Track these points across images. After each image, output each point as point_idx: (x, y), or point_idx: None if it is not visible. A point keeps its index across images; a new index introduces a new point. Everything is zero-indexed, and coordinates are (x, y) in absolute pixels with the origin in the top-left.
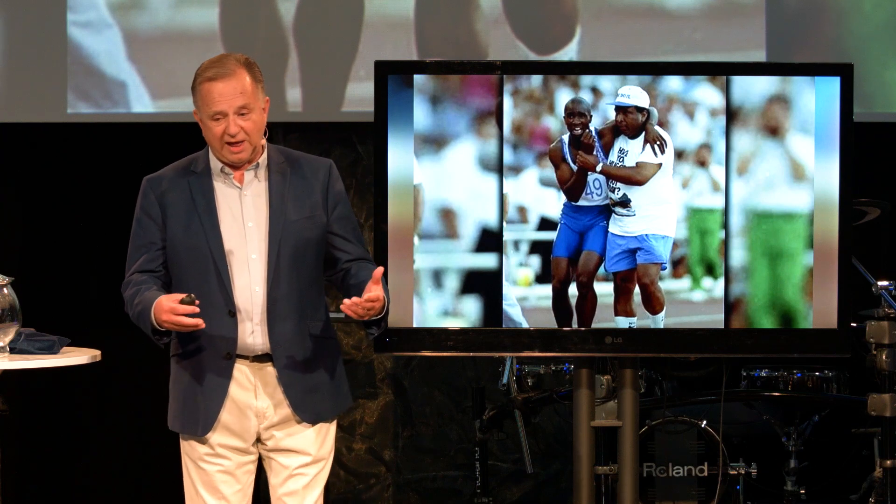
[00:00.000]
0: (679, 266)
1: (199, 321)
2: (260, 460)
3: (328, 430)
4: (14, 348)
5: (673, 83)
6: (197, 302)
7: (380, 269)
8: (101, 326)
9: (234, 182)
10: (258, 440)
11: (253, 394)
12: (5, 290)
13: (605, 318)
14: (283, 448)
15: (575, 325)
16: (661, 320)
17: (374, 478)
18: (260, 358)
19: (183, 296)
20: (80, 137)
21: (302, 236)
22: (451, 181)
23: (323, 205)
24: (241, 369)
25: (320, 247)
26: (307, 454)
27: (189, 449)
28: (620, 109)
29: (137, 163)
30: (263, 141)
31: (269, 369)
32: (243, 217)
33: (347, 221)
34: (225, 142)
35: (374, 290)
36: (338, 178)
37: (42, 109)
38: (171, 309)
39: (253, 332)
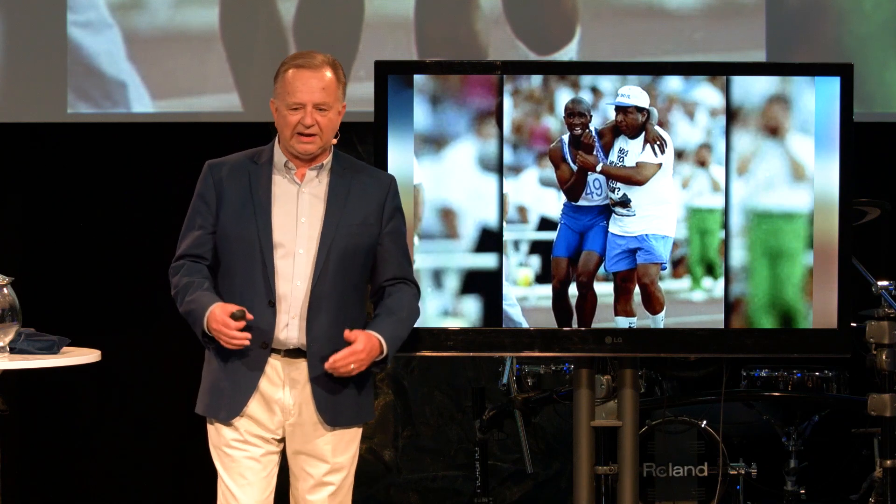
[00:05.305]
0: (679, 266)
1: (246, 337)
2: (284, 460)
3: (350, 439)
4: (14, 348)
5: (673, 83)
6: (249, 317)
7: (353, 333)
8: (101, 326)
9: (295, 178)
10: (283, 438)
11: (281, 388)
12: (5, 290)
13: (605, 318)
14: (304, 452)
15: (575, 325)
16: (661, 320)
17: (374, 478)
18: (292, 353)
19: (235, 309)
20: (80, 137)
21: (352, 241)
22: (451, 181)
23: (378, 216)
24: (272, 364)
25: (368, 255)
26: (325, 462)
27: (215, 435)
28: (620, 109)
29: (137, 163)
30: (334, 141)
31: (301, 365)
32: (297, 213)
33: (398, 236)
34: (297, 132)
35: (342, 355)
36: (397, 194)
37: (42, 109)
38: (223, 322)
39: (287, 325)
